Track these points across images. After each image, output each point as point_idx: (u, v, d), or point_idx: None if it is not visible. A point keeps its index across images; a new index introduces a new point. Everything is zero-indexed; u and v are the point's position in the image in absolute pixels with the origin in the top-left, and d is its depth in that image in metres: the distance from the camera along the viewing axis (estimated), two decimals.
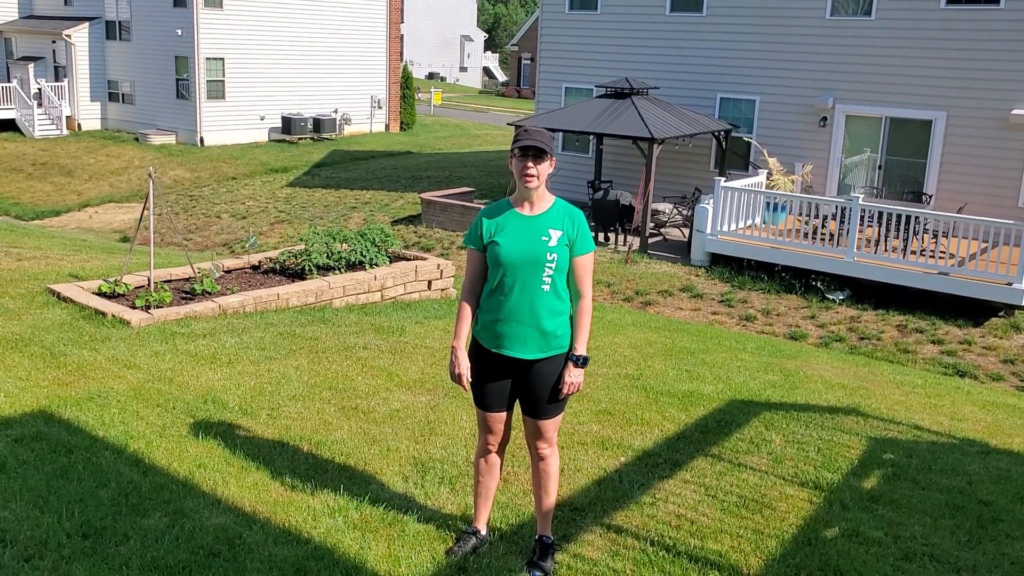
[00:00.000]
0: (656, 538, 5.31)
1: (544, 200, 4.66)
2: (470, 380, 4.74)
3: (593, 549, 5.12)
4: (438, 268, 12.10)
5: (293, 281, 10.81)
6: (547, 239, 4.57)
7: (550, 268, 4.56)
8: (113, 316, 8.91)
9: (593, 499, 5.78)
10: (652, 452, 6.70)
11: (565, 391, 4.67)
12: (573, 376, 4.67)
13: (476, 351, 4.76)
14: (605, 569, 4.90)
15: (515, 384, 4.76)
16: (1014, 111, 19.29)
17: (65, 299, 9.47)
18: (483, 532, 5.09)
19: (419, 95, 52.37)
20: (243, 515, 5.15)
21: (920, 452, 7.21)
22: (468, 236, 4.74)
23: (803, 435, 7.33)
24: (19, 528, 4.76)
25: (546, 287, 4.58)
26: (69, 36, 37.24)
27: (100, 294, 9.68)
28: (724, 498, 5.96)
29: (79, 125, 38.01)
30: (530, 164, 4.53)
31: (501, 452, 4.96)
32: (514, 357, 4.65)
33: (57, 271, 11.36)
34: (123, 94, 38.18)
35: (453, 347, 4.73)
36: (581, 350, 4.68)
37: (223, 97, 36.07)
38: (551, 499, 4.90)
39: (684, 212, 21.45)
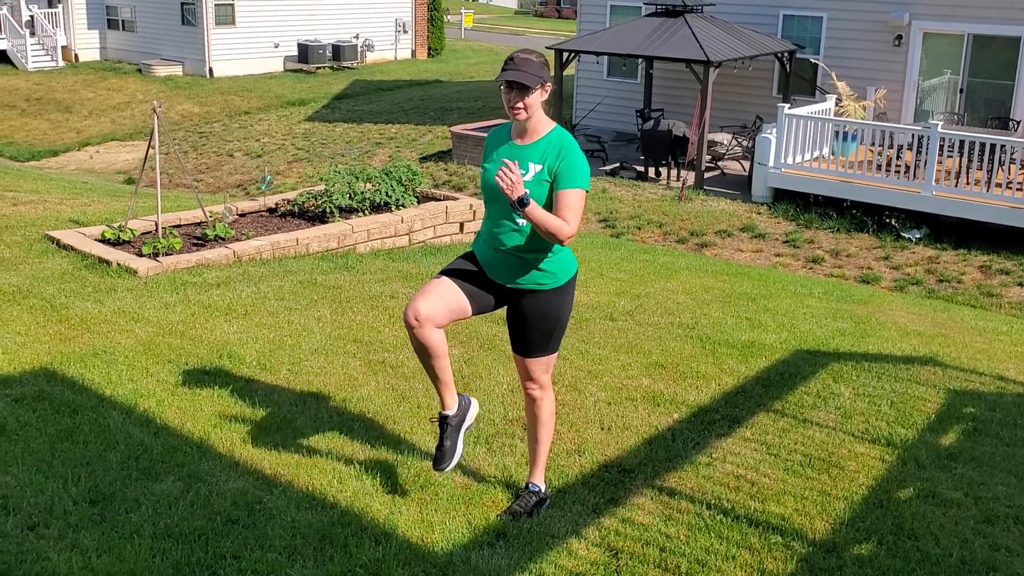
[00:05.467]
0: (713, 501, 5.33)
1: (537, 131, 4.70)
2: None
3: (644, 513, 5.16)
4: (471, 209, 12.09)
5: (313, 225, 10.86)
6: (524, 172, 4.62)
7: None
8: (118, 265, 9.00)
9: (643, 460, 5.81)
10: (708, 408, 6.71)
11: (499, 173, 4.39)
12: (506, 174, 4.38)
13: (469, 255, 4.93)
14: (657, 535, 4.94)
15: (499, 304, 4.89)
16: None
17: (66, 247, 9.57)
18: (451, 411, 4.90)
19: (448, 17, 52.06)
20: (263, 478, 5.23)
21: (1004, 405, 7.16)
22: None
23: (875, 387, 7.31)
24: (22, 495, 4.85)
25: (522, 220, 4.65)
26: None
27: (104, 241, 9.78)
28: (787, 457, 5.97)
29: (76, 56, 38.18)
30: (514, 99, 4.59)
31: (432, 333, 4.63)
32: (494, 281, 4.84)
33: (56, 216, 11.48)
34: (123, 21, 38.24)
35: None
36: (529, 202, 4.41)
37: (233, 23, 36.03)
38: (541, 447, 5.08)
39: (744, 143, 21.25)
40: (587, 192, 4.67)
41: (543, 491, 5.15)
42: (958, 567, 4.80)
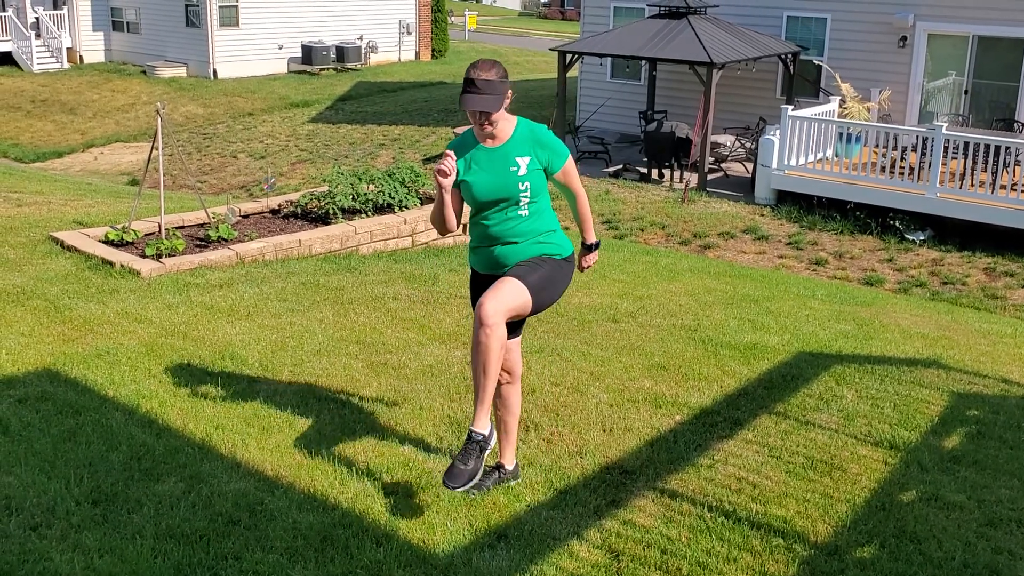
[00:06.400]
0: (714, 503, 5.33)
1: (506, 130, 4.86)
2: (454, 168, 4.77)
3: (645, 515, 5.16)
4: None
5: (316, 226, 10.87)
6: (516, 168, 4.79)
7: (525, 196, 4.80)
8: (122, 266, 9.02)
9: (645, 461, 5.81)
10: (710, 410, 6.71)
11: (583, 266, 5.25)
12: (589, 261, 5.26)
13: (475, 278, 5.13)
14: (659, 537, 4.93)
15: None
16: None
17: (69, 248, 9.59)
18: (509, 467, 5.32)
19: (452, 19, 52.09)
20: (264, 480, 5.23)
21: (1008, 408, 7.15)
22: None
23: (878, 390, 7.30)
24: (25, 495, 4.87)
25: (524, 212, 4.83)
26: None
27: (107, 242, 9.79)
28: (790, 459, 5.96)
29: (81, 58, 38.22)
30: (482, 120, 4.73)
31: (510, 387, 5.15)
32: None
33: (60, 217, 11.50)
34: (128, 22, 38.27)
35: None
36: (591, 238, 5.20)
37: (237, 24, 36.04)
38: (482, 379, 4.74)
39: (747, 145, 21.25)
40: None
41: (485, 436, 4.75)
42: (960, 570, 4.79)
